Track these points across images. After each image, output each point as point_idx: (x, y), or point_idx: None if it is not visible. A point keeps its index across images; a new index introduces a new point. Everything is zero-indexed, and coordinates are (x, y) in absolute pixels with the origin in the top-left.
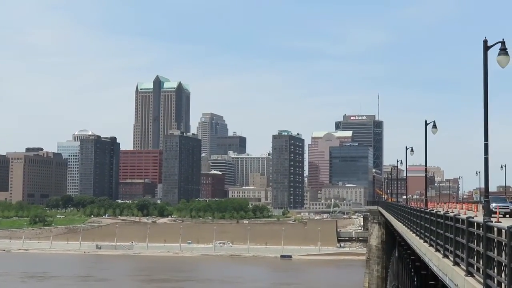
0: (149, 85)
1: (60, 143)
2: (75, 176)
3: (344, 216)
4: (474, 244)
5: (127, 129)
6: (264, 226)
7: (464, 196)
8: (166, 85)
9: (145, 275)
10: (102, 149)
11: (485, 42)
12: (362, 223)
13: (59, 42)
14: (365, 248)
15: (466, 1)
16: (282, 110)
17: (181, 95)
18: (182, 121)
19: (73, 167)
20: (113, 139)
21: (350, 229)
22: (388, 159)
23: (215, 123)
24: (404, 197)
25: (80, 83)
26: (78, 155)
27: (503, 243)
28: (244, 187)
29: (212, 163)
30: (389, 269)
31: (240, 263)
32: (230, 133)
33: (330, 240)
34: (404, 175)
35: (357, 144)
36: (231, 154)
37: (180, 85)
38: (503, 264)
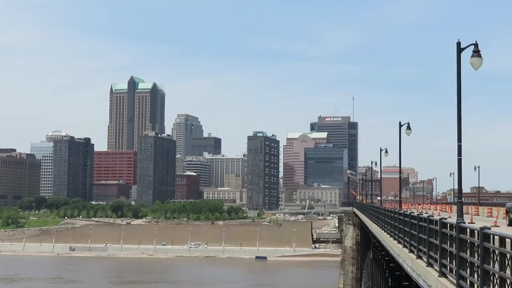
0: (124, 85)
1: (34, 144)
2: (49, 177)
3: (319, 217)
4: (447, 245)
5: (101, 130)
6: (239, 227)
7: (438, 197)
8: (141, 86)
9: (117, 276)
10: (76, 150)
11: (458, 44)
12: (337, 224)
13: (32, 42)
14: (340, 249)
15: (440, 3)
16: (257, 111)
17: (156, 96)
18: (156, 122)
19: (47, 168)
20: (87, 140)
21: (325, 230)
22: (363, 160)
23: (190, 124)
24: (379, 198)
25: (53, 83)
26: (51, 156)
27: (476, 244)
28: (219, 188)
29: (187, 164)
30: (363, 270)
31: (214, 264)
32: (205, 134)
33: (305, 241)
34: (379, 176)
35: (332, 145)
36: (206, 155)
37: (155, 86)
38: (476, 265)
